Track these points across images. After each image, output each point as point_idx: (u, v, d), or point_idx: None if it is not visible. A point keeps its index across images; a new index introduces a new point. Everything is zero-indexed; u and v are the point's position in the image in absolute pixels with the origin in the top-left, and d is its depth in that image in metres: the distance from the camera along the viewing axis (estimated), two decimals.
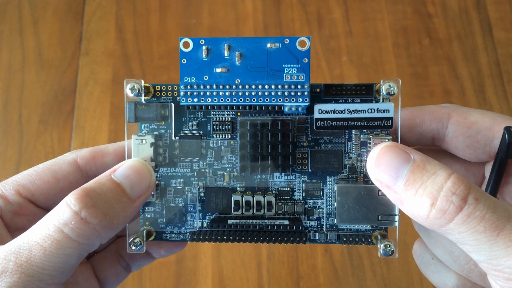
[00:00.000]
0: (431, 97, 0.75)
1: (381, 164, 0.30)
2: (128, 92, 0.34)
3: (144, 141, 0.35)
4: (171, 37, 0.79)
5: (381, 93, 0.33)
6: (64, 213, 0.29)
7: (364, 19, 0.80)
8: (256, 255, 0.67)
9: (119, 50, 0.78)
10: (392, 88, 0.32)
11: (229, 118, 0.34)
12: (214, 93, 0.32)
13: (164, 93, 0.34)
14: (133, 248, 0.34)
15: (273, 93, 0.32)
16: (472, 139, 0.35)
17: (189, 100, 0.32)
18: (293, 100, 0.32)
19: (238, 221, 0.34)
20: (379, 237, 0.34)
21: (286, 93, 0.32)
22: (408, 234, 0.65)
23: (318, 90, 0.34)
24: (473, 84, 0.76)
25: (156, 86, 0.34)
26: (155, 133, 0.35)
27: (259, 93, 0.32)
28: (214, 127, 0.34)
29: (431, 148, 0.38)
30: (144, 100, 0.34)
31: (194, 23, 0.80)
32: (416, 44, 0.78)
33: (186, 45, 0.32)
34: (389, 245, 0.33)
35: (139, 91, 0.34)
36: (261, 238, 0.33)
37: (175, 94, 0.34)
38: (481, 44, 0.78)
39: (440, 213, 0.27)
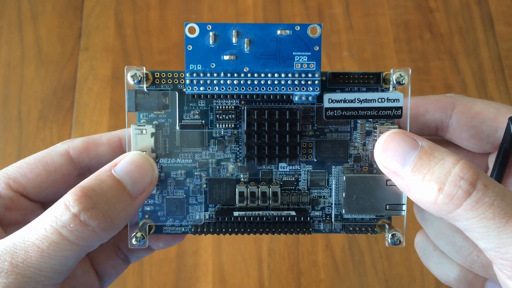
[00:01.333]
0: (433, 92, 0.75)
1: (388, 150, 0.29)
2: (129, 79, 0.32)
3: (144, 131, 0.33)
4: (171, 32, 0.79)
5: (391, 82, 0.32)
6: (62, 214, 0.28)
7: (365, 14, 0.79)
8: (257, 251, 0.67)
9: (119, 46, 0.78)
10: (402, 77, 0.32)
11: (233, 107, 0.33)
12: (222, 82, 0.31)
13: (163, 81, 0.33)
14: (135, 243, 0.33)
15: (282, 82, 0.31)
16: (476, 129, 0.34)
17: (195, 89, 0.31)
18: (303, 89, 0.31)
19: (244, 212, 0.33)
20: (386, 226, 0.34)
21: (296, 82, 0.31)
22: (409, 228, 0.64)
23: (324, 78, 0.33)
24: (474, 79, 0.75)
25: (156, 73, 0.33)
26: (155, 122, 0.34)
27: (269, 82, 0.31)
28: (217, 116, 0.33)
29: (434, 138, 0.37)
30: (146, 88, 0.33)
31: (194, 18, 0.79)
32: (418, 39, 0.78)
33: (192, 30, 0.31)
34: (397, 234, 0.33)
35: (140, 79, 0.32)
36: (267, 230, 0.33)
37: (175, 81, 0.33)
38: (483, 39, 0.77)
39: (448, 198, 0.26)
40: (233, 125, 0.34)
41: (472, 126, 0.35)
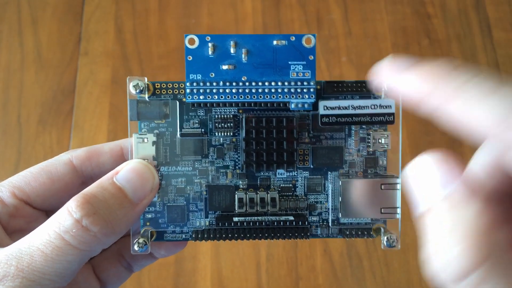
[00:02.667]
0: None
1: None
2: (131, 89, 0.33)
3: (145, 139, 0.34)
4: (171, 37, 0.79)
5: (383, 89, 0.33)
6: (65, 220, 0.28)
7: (363, 19, 0.80)
8: (255, 256, 0.67)
9: (118, 50, 0.78)
10: None
11: (231, 116, 0.34)
12: (221, 90, 0.32)
13: (164, 91, 0.34)
14: (137, 249, 0.34)
15: (279, 90, 0.32)
16: None
17: (195, 98, 0.32)
18: (299, 96, 0.32)
19: (243, 218, 0.34)
20: (382, 229, 0.35)
21: (292, 90, 0.32)
22: (407, 235, 0.65)
23: (318, 87, 0.34)
24: None
25: (156, 84, 0.34)
26: (156, 131, 0.34)
27: (266, 90, 0.32)
28: (216, 124, 0.34)
29: None
30: (147, 98, 0.34)
31: (194, 23, 0.80)
32: (415, 44, 0.78)
33: (191, 41, 0.32)
34: (391, 236, 0.34)
35: (142, 89, 0.33)
36: (266, 235, 0.34)
37: (176, 91, 0.34)
38: (480, 45, 0.78)
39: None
40: (231, 133, 0.34)
41: None
